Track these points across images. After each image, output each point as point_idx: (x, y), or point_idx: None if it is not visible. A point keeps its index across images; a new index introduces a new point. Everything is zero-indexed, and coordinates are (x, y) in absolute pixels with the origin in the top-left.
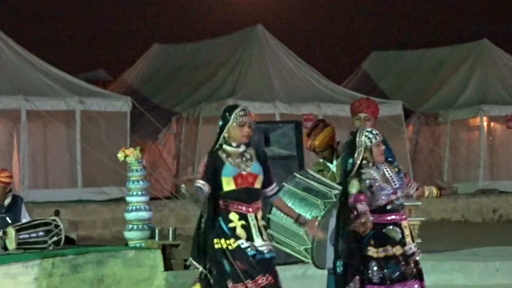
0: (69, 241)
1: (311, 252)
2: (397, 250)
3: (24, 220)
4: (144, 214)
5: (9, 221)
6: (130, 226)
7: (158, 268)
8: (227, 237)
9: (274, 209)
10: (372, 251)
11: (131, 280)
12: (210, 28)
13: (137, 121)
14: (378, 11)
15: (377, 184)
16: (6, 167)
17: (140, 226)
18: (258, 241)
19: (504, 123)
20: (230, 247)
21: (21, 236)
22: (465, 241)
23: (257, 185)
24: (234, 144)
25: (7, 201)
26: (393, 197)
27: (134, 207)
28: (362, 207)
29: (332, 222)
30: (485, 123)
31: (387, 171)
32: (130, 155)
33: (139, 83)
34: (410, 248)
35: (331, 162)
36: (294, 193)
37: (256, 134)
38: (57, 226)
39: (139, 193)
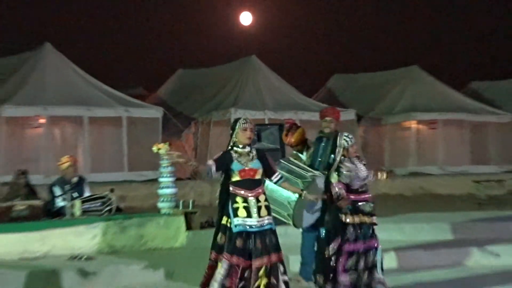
0: (118, 210)
1: (292, 216)
2: (368, 219)
3: (86, 194)
4: (171, 191)
5: (76, 195)
6: (162, 199)
7: (181, 229)
8: (228, 216)
9: (267, 184)
10: (350, 219)
11: (162, 237)
12: (218, 56)
13: (166, 124)
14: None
15: (353, 173)
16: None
17: (169, 199)
18: (254, 217)
19: (428, 125)
20: (228, 225)
21: (84, 206)
22: (401, 209)
23: (257, 176)
24: (241, 146)
25: (74, 180)
26: (363, 182)
27: (164, 186)
28: (342, 191)
29: (314, 186)
30: (414, 125)
31: (358, 163)
32: (161, 148)
33: (168, 96)
34: (374, 218)
35: (302, 153)
36: (287, 170)
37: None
38: (109, 199)
39: (168, 175)
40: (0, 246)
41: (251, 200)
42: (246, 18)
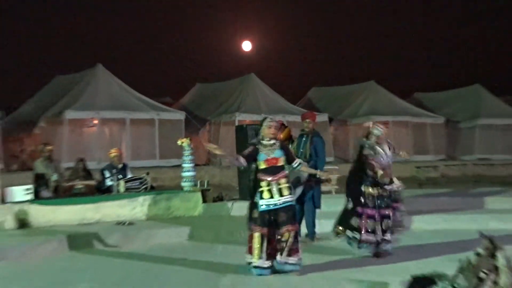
0: (152, 188)
1: None
2: (385, 192)
3: (128, 176)
4: (191, 173)
5: (121, 177)
6: (184, 180)
7: (199, 202)
8: (256, 198)
9: None
10: (370, 190)
11: (184, 208)
12: (226, 73)
13: (187, 124)
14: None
15: (381, 154)
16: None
17: (189, 180)
18: (276, 197)
19: (386, 125)
20: (256, 204)
21: (127, 185)
22: None
23: (280, 163)
24: (266, 139)
25: (119, 166)
26: (385, 162)
27: (186, 170)
28: (373, 162)
29: (295, 173)
30: (372, 126)
31: (385, 148)
32: (184, 142)
33: (188, 103)
34: (392, 187)
35: (289, 146)
36: None
37: (252, 130)
38: (145, 180)
39: (189, 162)
40: (64, 214)
41: (273, 183)
42: (247, 46)
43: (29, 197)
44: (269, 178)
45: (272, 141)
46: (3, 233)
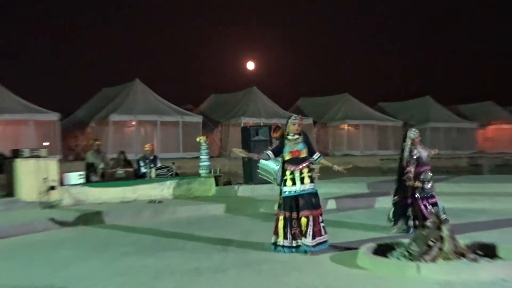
0: (176, 174)
1: (275, 179)
2: (425, 184)
3: (158, 165)
4: (207, 163)
5: (152, 166)
6: (201, 168)
7: (212, 185)
8: (281, 185)
9: (261, 162)
10: (417, 183)
11: (201, 190)
12: (235, 85)
13: (204, 125)
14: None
15: (419, 154)
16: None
17: (205, 168)
18: (298, 185)
19: (354, 127)
20: (281, 190)
21: (157, 172)
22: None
23: (302, 155)
24: (291, 134)
25: (151, 157)
26: (427, 159)
27: (203, 160)
28: (411, 169)
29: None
30: (346, 127)
31: (420, 148)
32: (201, 139)
33: (205, 109)
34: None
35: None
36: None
37: (253, 130)
38: (171, 168)
39: (205, 154)
40: (109, 194)
41: (296, 172)
42: (250, 65)
43: (82, 181)
44: (292, 168)
45: (296, 136)
46: (62, 208)
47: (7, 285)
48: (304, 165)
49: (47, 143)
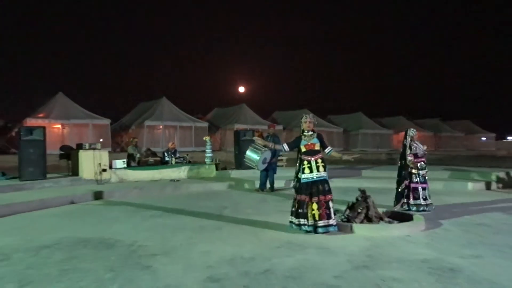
0: (189, 162)
1: (257, 165)
2: (422, 171)
3: (177, 155)
4: (210, 155)
5: (173, 156)
6: (206, 158)
7: (214, 170)
8: (299, 173)
9: (247, 153)
10: (414, 171)
11: (206, 173)
12: (231, 102)
13: (209, 129)
14: (279, 97)
15: (417, 148)
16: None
17: (209, 158)
18: (315, 173)
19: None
20: (300, 178)
21: (176, 160)
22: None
23: (316, 148)
24: (306, 131)
25: (173, 150)
26: (422, 152)
27: (208, 153)
28: (411, 158)
29: (264, 155)
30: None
31: (418, 144)
32: (207, 138)
33: (211, 118)
34: (425, 171)
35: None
36: (252, 149)
37: (242, 133)
38: (186, 158)
39: (209, 148)
40: (143, 175)
41: (313, 162)
42: (241, 88)
43: (124, 165)
44: (310, 158)
45: (311, 132)
46: (111, 184)
47: (70, 236)
48: (318, 156)
49: (101, 140)
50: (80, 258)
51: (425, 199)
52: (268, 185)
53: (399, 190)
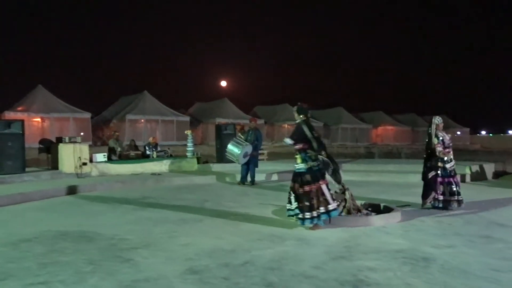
0: (171, 156)
1: (237, 159)
2: (448, 165)
3: (158, 149)
4: (192, 148)
5: (154, 150)
6: (188, 152)
7: (195, 163)
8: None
9: (228, 147)
10: (440, 164)
11: (188, 166)
12: (213, 96)
13: (191, 123)
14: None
15: (443, 137)
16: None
17: (191, 152)
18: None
19: (293, 126)
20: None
21: (157, 154)
22: (280, 157)
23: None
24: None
25: (154, 144)
26: (449, 141)
27: (189, 146)
28: (440, 148)
29: (245, 149)
30: (286, 126)
31: (444, 133)
32: (188, 132)
33: (193, 112)
34: (452, 163)
35: (242, 135)
36: (233, 144)
37: (224, 127)
38: (168, 151)
39: (191, 142)
40: (124, 169)
41: (309, 154)
42: (223, 83)
43: (105, 159)
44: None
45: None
46: (92, 177)
47: (51, 230)
48: (296, 148)
49: (82, 133)
50: (60, 251)
51: (453, 195)
52: (249, 179)
53: (426, 183)
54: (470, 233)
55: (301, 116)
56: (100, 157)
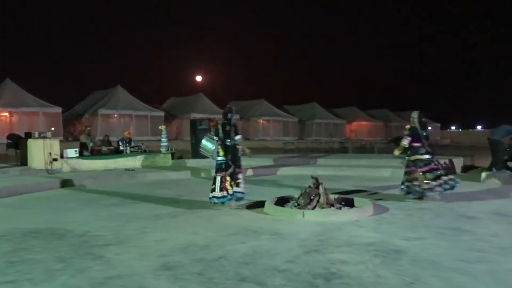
0: (145, 151)
1: (212, 155)
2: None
3: (132, 145)
4: (166, 144)
5: (128, 145)
6: (162, 147)
7: (170, 159)
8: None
9: (202, 142)
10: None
11: (162, 162)
12: (187, 91)
13: (165, 118)
14: (234, 91)
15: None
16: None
17: (165, 147)
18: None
19: (266, 121)
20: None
21: (131, 149)
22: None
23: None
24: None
25: (128, 139)
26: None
27: (163, 142)
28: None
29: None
30: (260, 121)
31: (421, 127)
32: (162, 127)
33: (167, 107)
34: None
35: (216, 132)
36: (207, 139)
37: (199, 122)
38: (141, 147)
39: (165, 137)
40: (96, 164)
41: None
42: (199, 78)
43: (76, 155)
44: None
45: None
46: (64, 173)
47: (20, 227)
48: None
49: (53, 129)
50: (29, 249)
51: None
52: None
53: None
54: (440, 225)
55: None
56: (72, 152)
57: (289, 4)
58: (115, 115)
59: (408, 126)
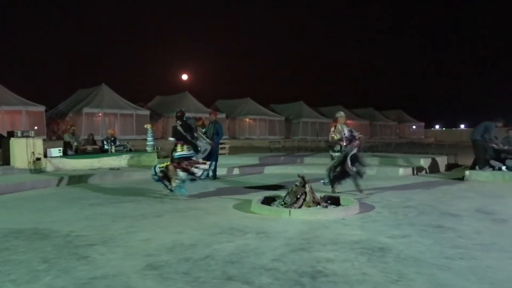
0: (130, 150)
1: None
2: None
3: (117, 143)
4: (152, 143)
5: (113, 144)
6: (148, 146)
7: (155, 158)
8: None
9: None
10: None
11: (148, 161)
12: (173, 90)
13: (151, 117)
14: (221, 89)
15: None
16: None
17: (151, 146)
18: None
19: (253, 120)
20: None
21: (116, 148)
22: (242, 151)
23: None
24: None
25: (113, 138)
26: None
27: (149, 141)
28: (343, 142)
29: (205, 147)
30: (246, 120)
31: (343, 128)
32: (148, 126)
33: (152, 106)
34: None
35: (203, 129)
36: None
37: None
38: (126, 146)
39: (151, 136)
40: (80, 164)
41: (185, 146)
42: (184, 76)
43: (60, 154)
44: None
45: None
46: (47, 173)
47: (2, 227)
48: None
49: (36, 127)
50: (12, 250)
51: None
52: (210, 173)
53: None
54: (424, 223)
55: (178, 122)
56: (55, 151)
57: (276, 3)
58: (100, 114)
59: None
